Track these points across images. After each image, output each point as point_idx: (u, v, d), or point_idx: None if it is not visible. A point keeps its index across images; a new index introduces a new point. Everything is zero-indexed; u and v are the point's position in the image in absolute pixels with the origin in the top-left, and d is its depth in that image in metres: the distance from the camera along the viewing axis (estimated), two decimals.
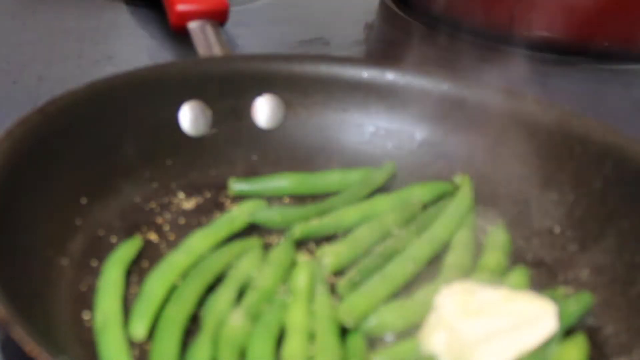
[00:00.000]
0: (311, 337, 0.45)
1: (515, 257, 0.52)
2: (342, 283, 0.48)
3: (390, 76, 0.59)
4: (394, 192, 0.55)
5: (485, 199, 0.55)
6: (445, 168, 0.57)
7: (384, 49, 0.79)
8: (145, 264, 0.49)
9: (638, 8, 0.71)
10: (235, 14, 0.73)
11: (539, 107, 0.56)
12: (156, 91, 0.55)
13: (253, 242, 0.50)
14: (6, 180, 0.47)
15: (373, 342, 0.45)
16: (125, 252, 0.48)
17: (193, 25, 0.68)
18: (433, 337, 0.44)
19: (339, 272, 0.49)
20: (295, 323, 0.45)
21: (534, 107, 0.56)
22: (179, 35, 0.70)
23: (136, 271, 0.48)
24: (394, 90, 0.59)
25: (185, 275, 0.47)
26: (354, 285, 0.48)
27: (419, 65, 0.60)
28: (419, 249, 0.50)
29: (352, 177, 0.56)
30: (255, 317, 0.45)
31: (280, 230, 0.52)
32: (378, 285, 0.47)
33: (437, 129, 0.58)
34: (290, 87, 0.58)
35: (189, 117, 0.56)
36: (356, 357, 0.44)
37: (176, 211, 0.53)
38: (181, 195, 0.54)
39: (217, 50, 0.64)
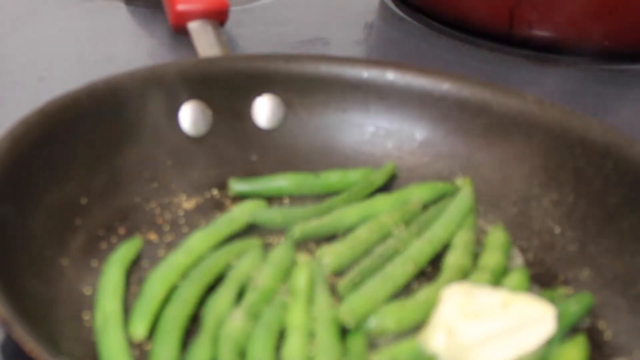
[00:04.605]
0: (311, 337, 0.45)
1: (516, 257, 0.52)
2: (342, 283, 0.48)
3: (390, 76, 0.59)
4: (394, 192, 0.55)
5: (485, 199, 0.55)
6: (445, 168, 0.57)
7: (384, 49, 0.79)
8: (145, 264, 0.49)
9: (638, 8, 0.71)
10: (235, 14, 0.73)
11: (539, 107, 0.56)
12: (156, 91, 0.55)
13: (253, 242, 0.50)
14: (6, 180, 0.47)
15: (373, 342, 0.45)
16: (125, 252, 0.48)
17: (193, 25, 0.68)
18: (433, 338, 0.44)
19: (339, 272, 0.49)
20: (295, 323, 0.45)
21: (534, 107, 0.56)
22: (179, 35, 0.70)
23: (136, 271, 0.48)
24: (394, 90, 0.59)
25: (185, 275, 0.47)
26: (354, 286, 0.48)
27: (419, 65, 0.60)
28: (419, 249, 0.50)
29: (352, 177, 0.56)
30: (255, 317, 0.45)
31: (280, 230, 0.52)
32: (378, 285, 0.47)
33: (437, 129, 0.58)
34: (290, 87, 0.58)
35: (189, 117, 0.56)
36: (356, 357, 0.44)
37: (176, 211, 0.53)
38: (181, 195, 0.54)
39: (217, 50, 0.64)
